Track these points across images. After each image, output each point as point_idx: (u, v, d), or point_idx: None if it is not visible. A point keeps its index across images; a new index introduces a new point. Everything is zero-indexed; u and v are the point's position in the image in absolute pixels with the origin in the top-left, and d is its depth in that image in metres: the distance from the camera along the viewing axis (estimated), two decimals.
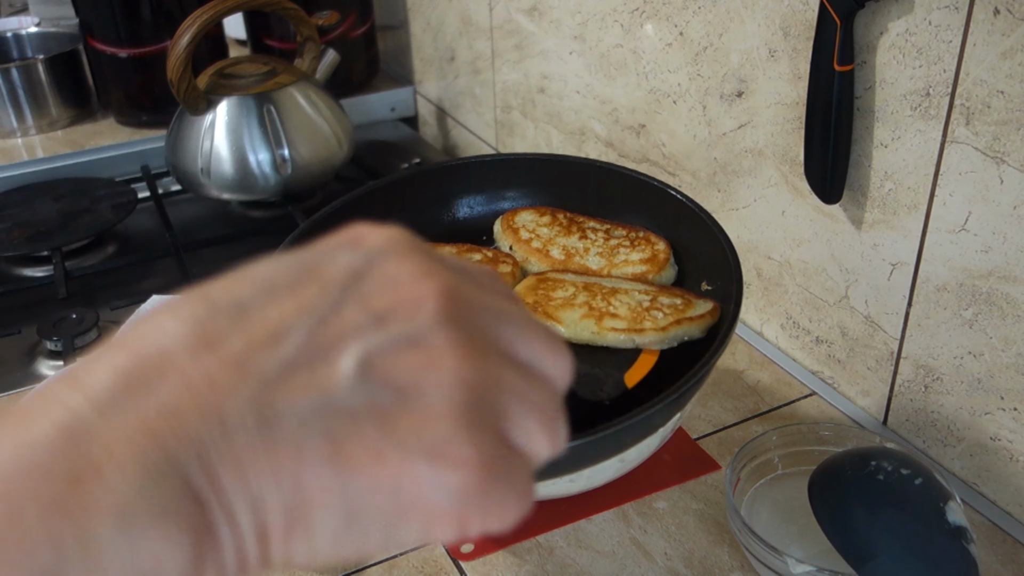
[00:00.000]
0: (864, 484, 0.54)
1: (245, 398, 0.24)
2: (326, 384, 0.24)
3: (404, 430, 0.25)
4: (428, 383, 0.25)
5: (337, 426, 0.24)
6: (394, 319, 0.25)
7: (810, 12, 0.67)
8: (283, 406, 0.24)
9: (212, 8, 1.01)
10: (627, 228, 0.72)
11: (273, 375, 0.24)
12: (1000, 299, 0.59)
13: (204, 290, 0.26)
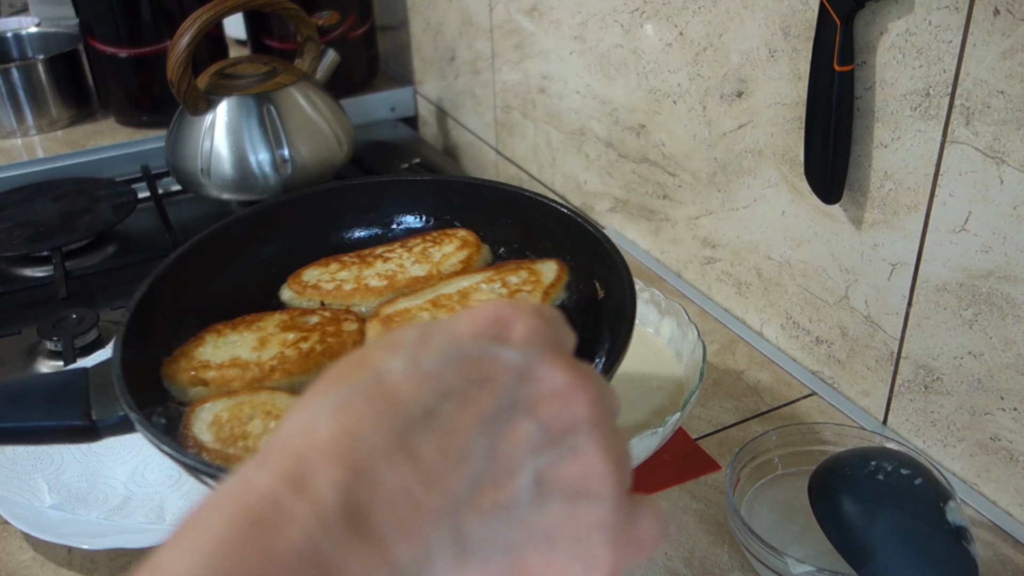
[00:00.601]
0: (864, 484, 0.54)
1: (446, 528, 0.26)
2: (508, 502, 0.27)
3: (568, 537, 0.28)
4: (588, 491, 0.28)
5: (515, 538, 0.27)
6: (558, 431, 0.28)
7: (810, 12, 0.68)
8: (474, 527, 0.26)
9: (212, 8, 1.01)
10: (418, 236, 0.67)
11: (465, 495, 0.26)
12: (1000, 299, 0.59)
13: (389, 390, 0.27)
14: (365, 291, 0.61)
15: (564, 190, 1.10)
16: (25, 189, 1.16)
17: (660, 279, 0.92)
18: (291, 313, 0.61)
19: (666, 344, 0.72)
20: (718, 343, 0.81)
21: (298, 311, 0.61)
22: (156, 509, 0.63)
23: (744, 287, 0.83)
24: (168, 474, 0.67)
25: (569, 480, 0.28)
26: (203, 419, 0.52)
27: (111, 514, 0.63)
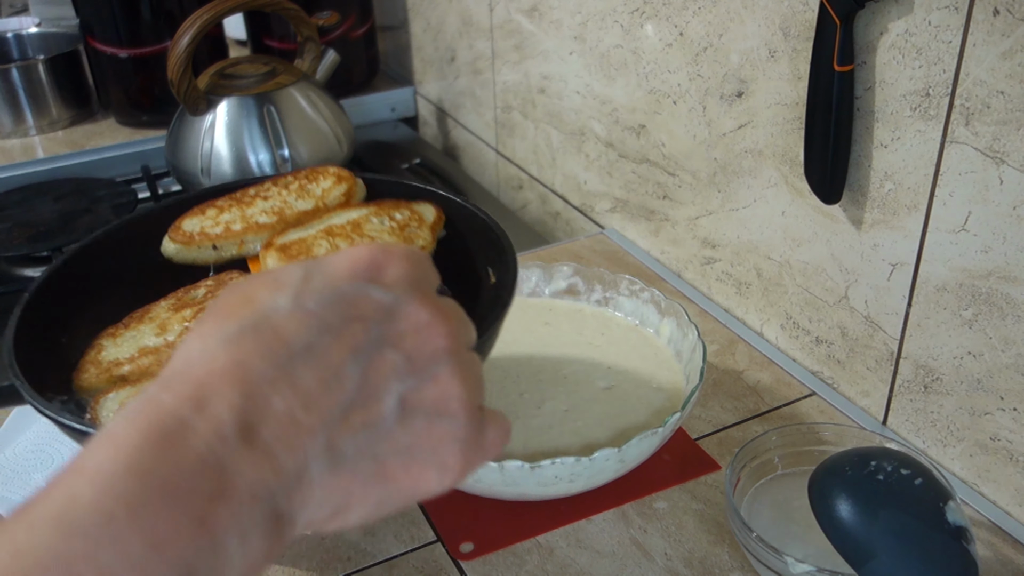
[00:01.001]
0: (864, 484, 0.54)
1: (321, 442, 0.31)
2: (375, 419, 0.32)
3: (426, 448, 0.34)
4: (444, 410, 0.34)
5: (381, 450, 0.33)
6: (420, 360, 0.34)
7: (810, 12, 0.68)
8: (345, 442, 0.31)
9: (212, 8, 1.01)
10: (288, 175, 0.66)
11: (338, 415, 0.31)
12: (1000, 299, 0.59)
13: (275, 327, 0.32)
14: (257, 228, 0.61)
15: (564, 190, 1.10)
16: (25, 189, 1.16)
17: (660, 279, 0.92)
18: (175, 295, 0.60)
19: (666, 344, 0.72)
20: (718, 343, 0.81)
21: (182, 290, 0.61)
22: None
23: (744, 287, 0.83)
24: None
25: (428, 402, 0.34)
26: (108, 406, 0.52)
27: None
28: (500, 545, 0.62)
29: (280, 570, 0.60)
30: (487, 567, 0.60)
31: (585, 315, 0.77)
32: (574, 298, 0.78)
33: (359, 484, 0.32)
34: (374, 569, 0.60)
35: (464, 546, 0.62)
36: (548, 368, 0.71)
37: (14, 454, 0.66)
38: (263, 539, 0.30)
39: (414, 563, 0.61)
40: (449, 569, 0.60)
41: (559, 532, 0.62)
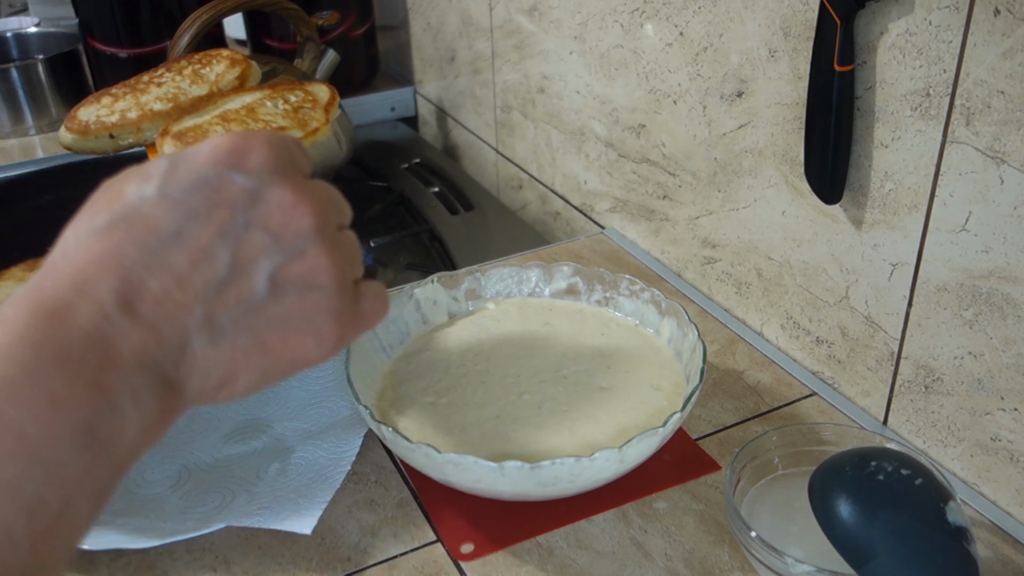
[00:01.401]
0: (864, 484, 0.54)
1: (198, 316, 0.34)
2: (248, 295, 0.35)
3: (300, 319, 0.37)
4: (314, 283, 0.37)
5: (257, 323, 0.36)
6: (286, 237, 0.36)
7: (810, 12, 0.68)
8: (222, 317, 0.35)
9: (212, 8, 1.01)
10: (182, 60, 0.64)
11: (212, 292, 0.35)
12: (1000, 299, 0.59)
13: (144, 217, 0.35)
14: (152, 116, 0.61)
15: (564, 190, 1.10)
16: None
17: (660, 279, 0.92)
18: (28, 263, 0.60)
19: (666, 344, 0.72)
20: (718, 343, 0.81)
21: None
22: (156, 510, 0.63)
23: (744, 287, 0.83)
24: (168, 474, 0.67)
25: (298, 276, 0.37)
26: None
27: (112, 515, 0.63)
28: (500, 545, 0.61)
29: (280, 570, 0.60)
30: (487, 567, 0.60)
31: (585, 315, 0.76)
32: (574, 298, 0.78)
33: (240, 354, 0.36)
34: (374, 569, 0.60)
35: (464, 546, 0.61)
36: (548, 368, 0.71)
37: None
38: (156, 401, 0.33)
39: (414, 563, 0.61)
40: (449, 569, 0.60)
41: (559, 532, 0.62)
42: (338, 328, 0.38)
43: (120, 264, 0.33)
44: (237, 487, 0.65)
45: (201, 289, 0.34)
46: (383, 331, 0.72)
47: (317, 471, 0.65)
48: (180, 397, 0.35)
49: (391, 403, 0.68)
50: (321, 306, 0.37)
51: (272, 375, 0.38)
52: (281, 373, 0.38)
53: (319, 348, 0.38)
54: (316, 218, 0.37)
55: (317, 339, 0.38)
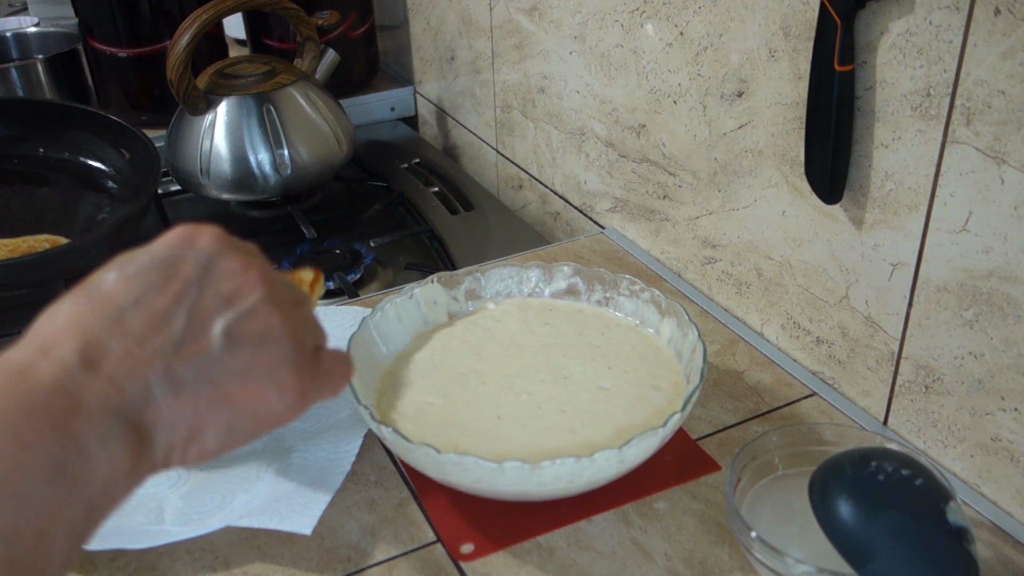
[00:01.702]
0: (865, 484, 0.54)
1: (159, 370, 0.37)
2: (205, 349, 0.38)
3: (258, 371, 0.39)
4: (269, 338, 0.40)
5: (216, 375, 0.38)
6: (238, 299, 0.39)
7: (810, 12, 0.67)
8: (181, 369, 0.37)
9: (212, 8, 1.01)
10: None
11: (171, 349, 0.37)
12: (1001, 300, 0.59)
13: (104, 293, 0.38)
14: None
15: (564, 190, 1.10)
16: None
17: (660, 279, 0.92)
18: None
19: (666, 344, 0.72)
20: (718, 343, 0.81)
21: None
22: (156, 510, 0.63)
23: (744, 287, 0.83)
24: (167, 476, 0.66)
25: (251, 331, 0.39)
26: None
27: (132, 523, 0.63)
28: (500, 545, 0.61)
29: (280, 570, 0.60)
30: (487, 567, 0.60)
31: (585, 315, 0.76)
32: (574, 298, 0.78)
33: (204, 406, 0.38)
34: (374, 569, 0.60)
35: (464, 547, 0.61)
36: (548, 368, 0.71)
37: None
38: (124, 446, 0.35)
39: (414, 563, 0.61)
40: (449, 570, 0.60)
41: (559, 532, 0.62)
42: (298, 380, 0.40)
43: (82, 329, 0.37)
44: (237, 487, 0.65)
45: (159, 347, 0.37)
46: (383, 331, 0.72)
47: (317, 471, 0.65)
48: (149, 447, 0.37)
49: (391, 403, 0.68)
50: (278, 358, 0.40)
51: (239, 430, 0.40)
52: (248, 428, 0.40)
53: (281, 399, 0.40)
54: (264, 283, 0.40)
55: (278, 390, 0.40)
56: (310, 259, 1.02)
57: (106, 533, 0.61)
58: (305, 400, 0.41)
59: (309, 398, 0.42)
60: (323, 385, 0.43)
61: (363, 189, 1.24)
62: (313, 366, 0.42)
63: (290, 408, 0.41)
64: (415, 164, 1.30)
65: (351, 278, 0.99)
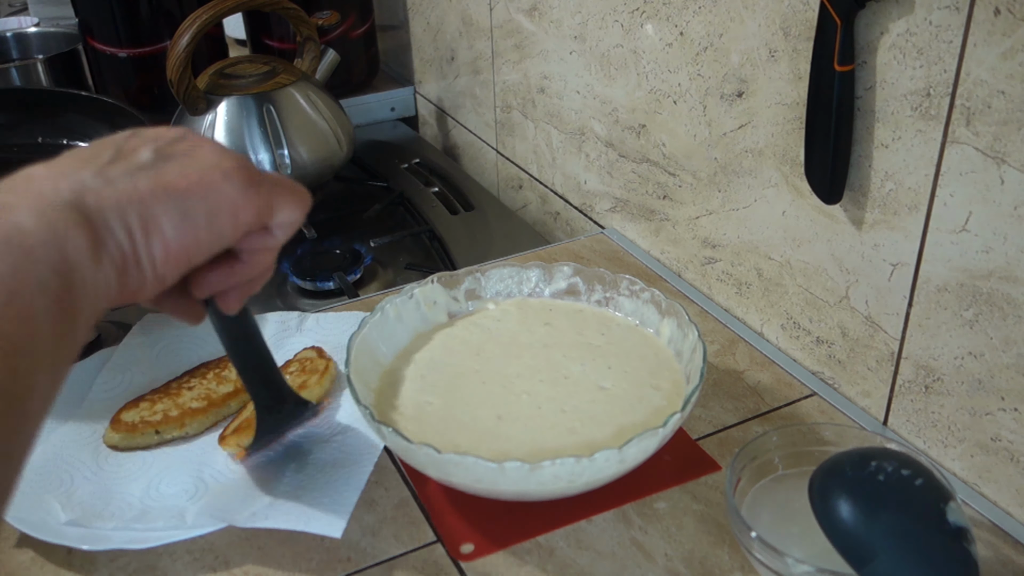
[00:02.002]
0: (864, 484, 0.54)
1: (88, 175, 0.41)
2: (135, 162, 0.43)
3: (198, 165, 0.44)
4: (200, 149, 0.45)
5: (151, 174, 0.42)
6: (166, 136, 0.45)
7: (810, 12, 0.67)
8: (112, 172, 0.41)
9: (212, 8, 1.01)
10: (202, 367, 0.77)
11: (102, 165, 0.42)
12: (1001, 300, 0.59)
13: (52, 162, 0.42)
14: (192, 412, 0.72)
15: (564, 190, 1.10)
16: None
17: (660, 279, 0.92)
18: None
19: (666, 344, 0.72)
20: (718, 343, 0.81)
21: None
22: (176, 516, 0.63)
23: (744, 287, 0.83)
24: (185, 488, 0.66)
25: (181, 148, 0.44)
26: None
27: (127, 521, 0.63)
28: (500, 545, 0.61)
29: (280, 570, 0.60)
30: (487, 567, 0.60)
31: (585, 315, 0.76)
32: (574, 298, 0.78)
33: (145, 192, 0.41)
34: (374, 570, 0.60)
35: (464, 547, 0.61)
36: (548, 368, 0.71)
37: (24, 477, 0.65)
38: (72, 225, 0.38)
39: (414, 563, 0.61)
40: (449, 570, 0.60)
41: (559, 532, 0.62)
42: (241, 166, 0.45)
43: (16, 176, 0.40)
44: (258, 490, 0.65)
45: (88, 166, 0.41)
46: (383, 331, 0.72)
47: (340, 470, 0.65)
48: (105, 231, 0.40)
49: (391, 403, 0.68)
50: (216, 151, 0.45)
51: (195, 214, 0.43)
52: (203, 211, 0.43)
53: (228, 181, 0.44)
54: (188, 130, 0.46)
55: (222, 173, 0.44)
56: (310, 260, 1.01)
57: (107, 533, 0.61)
58: (257, 188, 0.45)
59: (262, 188, 0.45)
60: (275, 185, 0.47)
61: (363, 189, 1.24)
62: (256, 169, 0.46)
63: (241, 191, 0.44)
64: (415, 164, 1.30)
65: (351, 278, 0.99)
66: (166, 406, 0.72)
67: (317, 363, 0.75)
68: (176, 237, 0.42)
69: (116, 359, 0.77)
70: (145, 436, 0.70)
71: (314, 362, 0.76)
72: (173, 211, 0.42)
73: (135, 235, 0.40)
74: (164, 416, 0.71)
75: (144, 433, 0.70)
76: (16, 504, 0.63)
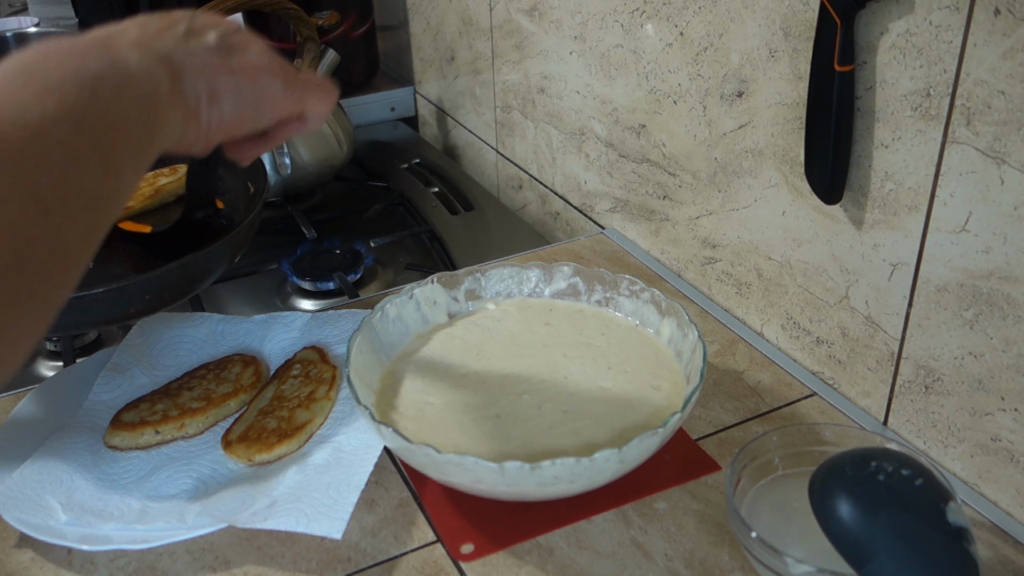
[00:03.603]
0: (864, 485, 0.54)
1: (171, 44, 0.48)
2: (205, 42, 0.50)
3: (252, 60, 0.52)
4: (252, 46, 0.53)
5: (220, 56, 0.50)
6: (222, 25, 0.52)
7: (810, 12, 0.67)
8: (192, 45, 0.49)
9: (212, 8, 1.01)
10: (201, 368, 0.78)
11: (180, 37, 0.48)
12: (1001, 300, 0.59)
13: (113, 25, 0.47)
14: (192, 412, 0.72)
15: (564, 190, 1.10)
16: None
17: (660, 279, 0.92)
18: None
19: (666, 344, 0.72)
20: (718, 343, 0.81)
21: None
22: (176, 516, 0.63)
23: (744, 287, 0.83)
24: (185, 488, 0.66)
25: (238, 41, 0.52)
26: None
27: (131, 522, 0.62)
28: (500, 546, 0.61)
29: (280, 570, 0.60)
30: (487, 568, 0.60)
31: (585, 315, 0.76)
32: (574, 298, 0.78)
33: (215, 69, 0.49)
34: (374, 570, 0.60)
35: (464, 547, 0.61)
36: (548, 368, 0.71)
37: (21, 478, 0.65)
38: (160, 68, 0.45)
39: (414, 563, 0.61)
40: (449, 570, 0.60)
41: (559, 532, 0.62)
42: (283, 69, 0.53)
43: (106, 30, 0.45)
44: (257, 491, 0.65)
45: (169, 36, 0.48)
46: (383, 331, 0.72)
47: (338, 471, 0.65)
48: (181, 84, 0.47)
49: (391, 403, 0.68)
50: (264, 52, 0.53)
51: (247, 99, 0.51)
52: (252, 99, 0.51)
53: (273, 79, 0.53)
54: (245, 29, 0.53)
55: (270, 72, 0.52)
56: (310, 260, 1.01)
57: (107, 533, 0.61)
58: (293, 89, 0.54)
59: (297, 89, 0.54)
60: (309, 86, 0.56)
61: (363, 189, 1.24)
62: (295, 71, 0.55)
63: (282, 89, 0.53)
64: (415, 164, 1.30)
65: (351, 278, 0.99)
66: (166, 406, 0.72)
67: (323, 369, 0.75)
68: (231, 111, 0.50)
69: (116, 359, 0.77)
70: (145, 436, 0.70)
71: (319, 367, 0.76)
72: (233, 91, 0.50)
73: (202, 99, 0.48)
74: (164, 416, 0.71)
75: (144, 433, 0.70)
76: (16, 504, 0.63)
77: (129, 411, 0.72)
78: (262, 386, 0.76)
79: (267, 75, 0.52)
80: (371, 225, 1.13)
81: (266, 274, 1.02)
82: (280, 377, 0.76)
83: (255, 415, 0.72)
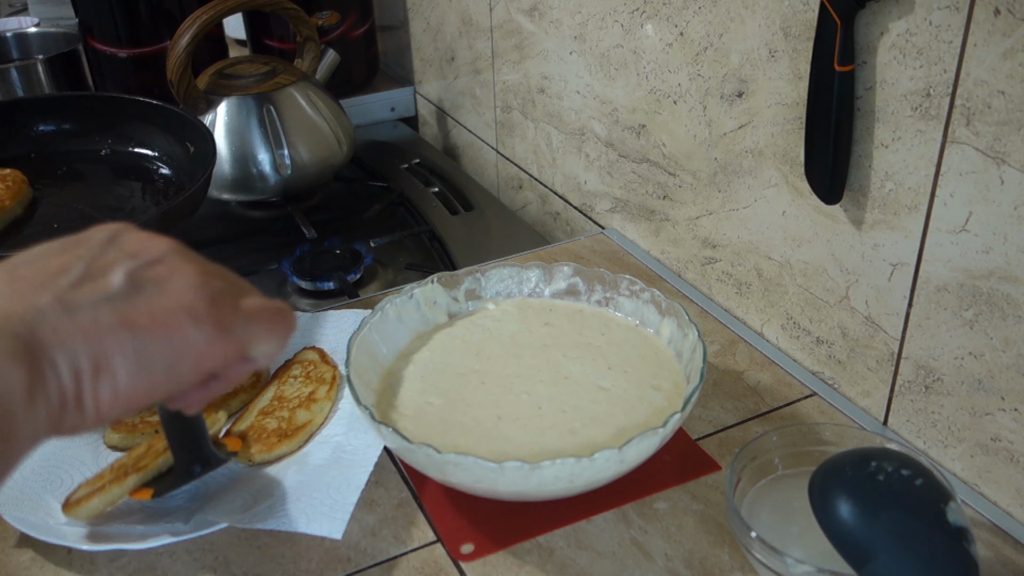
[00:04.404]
0: (864, 485, 0.54)
1: (49, 298, 0.37)
2: (104, 288, 0.38)
3: (168, 303, 0.39)
4: (176, 278, 0.40)
5: (119, 307, 0.38)
6: (144, 254, 0.40)
7: (810, 12, 0.67)
8: (77, 299, 0.37)
9: (212, 8, 1.01)
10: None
11: (66, 286, 0.38)
12: (1001, 300, 0.59)
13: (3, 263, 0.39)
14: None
15: (564, 190, 1.10)
16: None
17: (660, 279, 0.92)
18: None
19: (666, 344, 0.72)
20: (718, 343, 0.81)
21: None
22: (176, 517, 0.63)
23: (744, 287, 0.83)
24: (184, 488, 0.66)
25: (157, 275, 0.40)
26: None
27: (131, 522, 0.62)
28: (500, 546, 0.61)
29: (280, 570, 0.60)
30: (487, 568, 0.60)
31: (585, 315, 0.76)
32: (574, 298, 0.78)
33: (105, 330, 0.37)
34: (374, 570, 0.60)
35: (464, 547, 0.61)
36: (548, 368, 0.71)
37: (21, 477, 0.65)
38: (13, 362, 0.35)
39: (414, 564, 0.61)
40: (449, 570, 0.60)
41: (559, 532, 0.62)
42: (214, 309, 0.40)
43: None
44: (259, 491, 0.65)
45: (52, 286, 0.38)
46: (383, 331, 0.72)
47: (338, 471, 0.65)
48: (50, 369, 0.36)
49: (391, 403, 0.68)
50: (189, 288, 0.40)
51: (154, 361, 0.38)
52: (164, 359, 0.39)
53: (197, 327, 0.39)
54: (171, 244, 0.41)
55: (192, 318, 0.39)
56: (310, 260, 1.01)
57: (107, 533, 0.61)
58: (228, 335, 0.40)
59: (234, 334, 0.41)
60: (251, 323, 0.42)
61: (363, 189, 1.24)
62: (234, 302, 0.41)
63: (209, 340, 0.40)
64: (415, 164, 1.30)
65: (351, 278, 0.99)
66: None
67: (323, 370, 0.75)
68: (128, 382, 0.38)
69: None
70: (145, 436, 0.70)
71: (319, 368, 0.76)
72: (130, 353, 0.37)
73: (82, 376, 0.37)
74: None
75: (144, 433, 0.70)
76: (16, 504, 0.63)
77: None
78: (262, 386, 0.75)
79: (188, 321, 0.39)
80: (371, 225, 1.13)
81: (266, 274, 1.02)
82: (280, 377, 0.76)
83: (255, 415, 0.72)
